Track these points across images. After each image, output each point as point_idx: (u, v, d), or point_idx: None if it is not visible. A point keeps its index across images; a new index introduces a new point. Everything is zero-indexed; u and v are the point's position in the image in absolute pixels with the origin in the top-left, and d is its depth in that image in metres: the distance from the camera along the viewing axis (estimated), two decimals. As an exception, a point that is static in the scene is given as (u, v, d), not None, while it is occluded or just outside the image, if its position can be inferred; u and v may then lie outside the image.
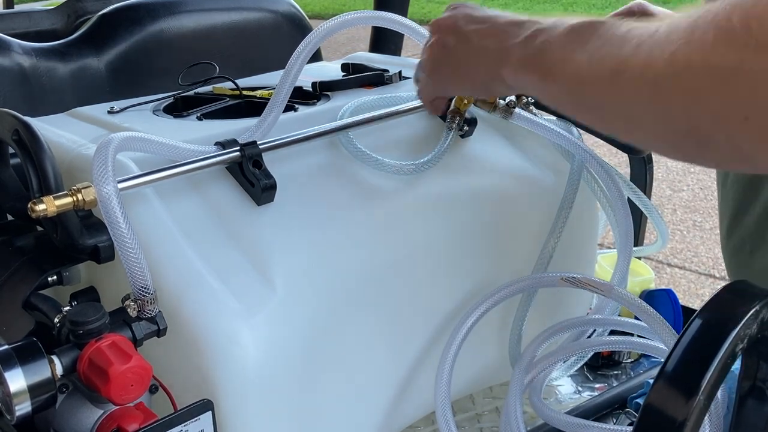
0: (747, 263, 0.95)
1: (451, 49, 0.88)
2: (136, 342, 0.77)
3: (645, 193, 1.28)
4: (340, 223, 0.96)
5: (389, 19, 1.03)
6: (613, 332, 1.15)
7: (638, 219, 1.40)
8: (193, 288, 0.84)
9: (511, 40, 0.80)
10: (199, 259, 0.85)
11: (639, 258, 1.43)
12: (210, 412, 0.72)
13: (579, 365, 1.19)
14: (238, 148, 0.92)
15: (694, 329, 0.64)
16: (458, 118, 1.05)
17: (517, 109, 1.06)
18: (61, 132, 0.99)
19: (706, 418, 0.78)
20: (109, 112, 1.11)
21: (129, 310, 0.77)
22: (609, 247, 1.46)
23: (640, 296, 1.31)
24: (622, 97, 0.66)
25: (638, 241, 1.43)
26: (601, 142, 1.20)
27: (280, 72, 0.98)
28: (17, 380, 0.68)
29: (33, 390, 0.69)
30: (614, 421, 1.14)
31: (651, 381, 0.71)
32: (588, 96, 0.71)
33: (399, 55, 1.90)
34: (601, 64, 0.68)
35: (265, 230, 0.91)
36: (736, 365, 0.68)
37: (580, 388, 1.25)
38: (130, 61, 1.65)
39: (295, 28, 1.87)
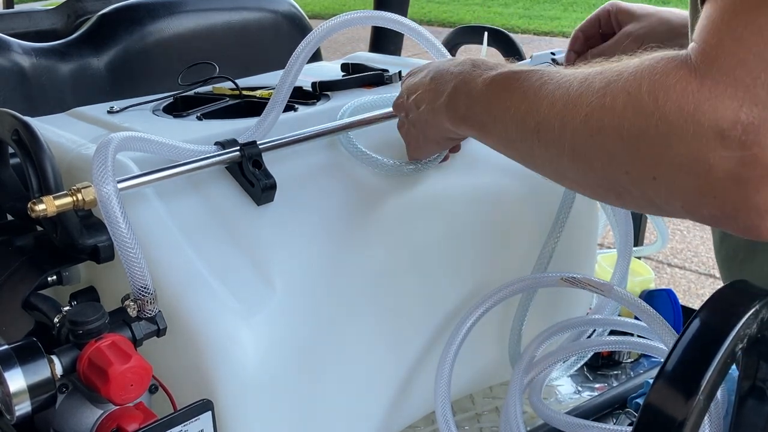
0: (739, 272, 0.96)
1: (408, 126, 0.96)
2: (136, 342, 0.77)
3: (645, 193, 1.27)
4: (340, 223, 0.96)
5: (389, 19, 1.03)
6: (613, 332, 1.15)
7: (638, 219, 1.40)
8: (193, 288, 0.84)
9: (438, 99, 0.86)
10: (199, 259, 0.85)
11: (639, 258, 1.43)
12: (210, 412, 0.72)
13: (579, 365, 1.19)
14: (238, 148, 0.92)
15: (694, 329, 0.64)
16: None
17: None
18: (61, 132, 0.99)
19: (705, 417, 0.78)
20: (109, 112, 1.11)
21: (129, 310, 0.77)
22: (609, 247, 1.47)
23: (640, 296, 1.31)
24: (546, 152, 0.71)
25: (638, 241, 1.43)
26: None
27: (280, 72, 0.98)
28: (17, 380, 0.68)
29: (33, 390, 0.69)
30: (614, 421, 1.14)
31: (651, 381, 0.71)
32: (519, 150, 0.77)
33: (399, 55, 1.90)
34: (524, 124, 0.73)
35: (265, 230, 0.91)
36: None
37: (580, 388, 1.25)
38: (130, 61, 1.65)
39: (295, 28, 1.87)
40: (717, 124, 0.56)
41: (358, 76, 1.20)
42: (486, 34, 1.22)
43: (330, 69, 1.31)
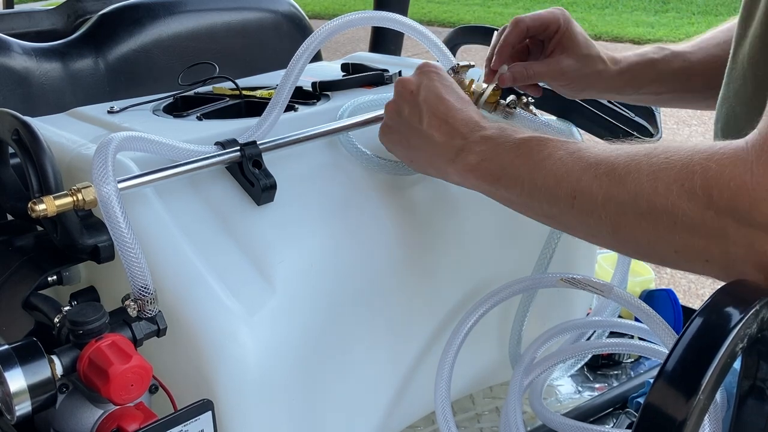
0: None
1: (403, 120, 0.90)
2: (136, 342, 0.77)
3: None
4: (340, 223, 0.96)
5: (390, 19, 1.03)
6: (613, 333, 1.15)
7: (638, 219, 1.40)
8: (193, 288, 0.84)
9: (458, 139, 0.83)
10: (199, 259, 0.85)
11: (639, 258, 1.43)
12: (210, 412, 0.72)
13: (579, 366, 1.19)
14: (238, 148, 0.92)
15: (694, 329, 0.64)
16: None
17: (517, 109, 1.06)
18: (61, 132, 0.99)
19: (705, 417, 0.78)
20: (109, 112, 1.11)
21: (129, 310, 0.77)
22: (609, 247, 1.46)
23: (640, 296, 1.31)
24: (583, 219, 0.71)
25: (638, 241, 1.43)
26: (602, 142, 1.19)
27: (280, 72, 0.98)
28: (17, 380, 0.68)
29: (33, 390, 0.69)
30: (614, 421, 1.14)
31: (651, 381, 0.71)
32: (545, 211, 0.76)
33: (399, 55, 1.90)
34: (558, 187, 0.72)
35: (265, 230, 0.91)
36: (736, 365, 0.68)
37: (580, 388, 1.25)
38: (130, 61, 1.65)
39: (295, 28, 1.87)
40: None
41: (358, 76, 1.20)
42: (496, 34, 1.21)
43: (330, 69, 1.31)
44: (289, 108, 1.07)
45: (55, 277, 0.89)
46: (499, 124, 0.84)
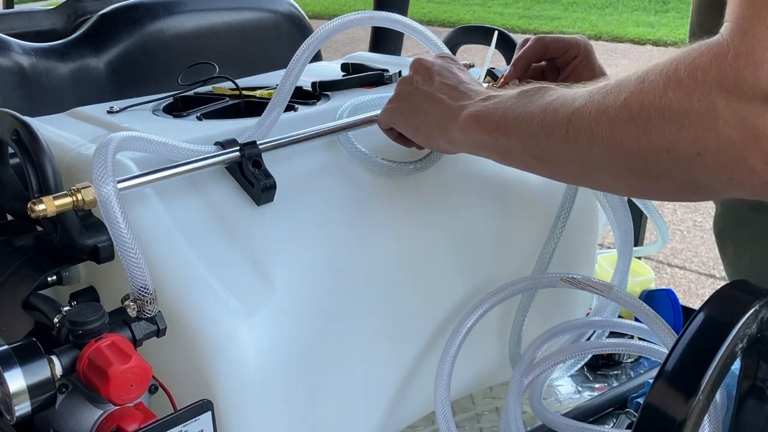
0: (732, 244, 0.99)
1: (414, 88, 0.92)
2: (136, 342, 0.77)
3: (645, 193, 1.27)
4: (340, 223, 0.96)
5: (390, 19, 1.03)
6: (613, 333, 1.15)
7: (638, 219, 1.40)
8: (193, 288, 0.84)
9: (465, 101, 0.85)
10: (198, 259, 0.85)
11: (639, 258, 1.43)
12: (210, 412, 0.72)
13: (579, 366, 1.19)
14: (238, 148, 0.92)
15: (694, 329, 0.64)
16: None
17: None
18: (60, 132, 0.99)
19: (705, 417, 0.78)
20: (108, 112, 1.11)
21: (129, 310, 0.77)
22: (609, 247, 1.47)
23: (640, 296, 1.31)
24: (577, 144, 0.71)
25: (638, 241, 1.43)
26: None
27: (280, 72, 0.98)
28: (17, 380, 0.68)
29: (32, 390, 0.69)
30: (614, 421, 1.14)
31: (651, 381, 0.71)
32: (542, 147, 0.76)
33: (399, 55, 1.90)
34: (555, 116, 0.73)
35: (265, 230, 0.91)
36: (736, 365, 0.68)
37: (580, 388, 1.25)
38: (130, 61, 1.65)
39: (295, 28, 1.87)
40: (760, 87, 0.57)
41: (358, 76, 1.20)
42: (496, 33, 1.21)
43: (330, 69, 1.31)
44: (289, 108, 1.07)
45: (54, 277, 0.89)
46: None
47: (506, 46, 1.36)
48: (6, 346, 0.70)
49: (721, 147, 0.60)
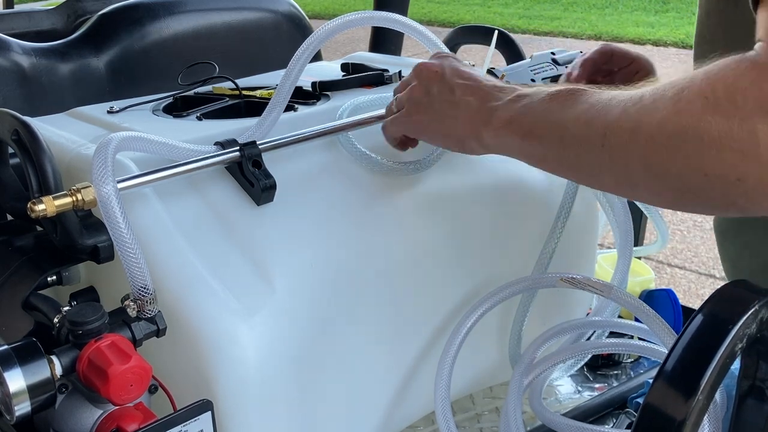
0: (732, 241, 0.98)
1: (434, 96, 0.90)
2: (136, 342, 0.77)
3: (645, 193, 1.27)
4: (340, 223, 0.96)
5: (390, 19, 1.03)
6: (613, 333, 1.15)
7: (638, 219, 1.40)
8: (193, 288, 0.84)
9: (493, 101, 0.83)
10: (198, 259, 0.85)
11: (639, 258, 1.43)
12: (209, 412, 0.72)
13: (579, 366, 1.19)
14: (238, 148, 0.92)
15: (694, 329, 0.64)
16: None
17: None
18: (60, 132, 0.99)
19: (705, 417, 0.78)
20: (108, 112, 1.11)
21: (128, 310, 0.77)
22: (609, 247, 1.46)
23: (640, 296, 1.31)
24: (612, 159, 0.69)
25: (638, 241, 1.43)
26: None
27: (280, 72, 0.98)
28: (16, 380, 0.68)
29: (32, 390, 0.69)
30: (614, 421, 1.14)
31: (651, 381, 0.71)
32: (577, 158, 0.74)
33: (399, 55, 1.90)
34: (589, 128, 0.71)
35: (265, 230, 0.91)
36: (736, 365, 0.68)
37: (580, 388, 1.25)
38: (130, 61, 1.65)
39: (295, 28, 1.87)
40: None
41: (358, 76, 1.20)
42: (496, 33, 1.20)
43: (330, 69, 1.31)
44: (289, 108, 1.07)
45: (54, 277, 0.89)
46: (528, 87, 0.84)
47: (506, 46, 1.36)
48: (6, 346, 0.70)
49: (764, 173, 0.58)
